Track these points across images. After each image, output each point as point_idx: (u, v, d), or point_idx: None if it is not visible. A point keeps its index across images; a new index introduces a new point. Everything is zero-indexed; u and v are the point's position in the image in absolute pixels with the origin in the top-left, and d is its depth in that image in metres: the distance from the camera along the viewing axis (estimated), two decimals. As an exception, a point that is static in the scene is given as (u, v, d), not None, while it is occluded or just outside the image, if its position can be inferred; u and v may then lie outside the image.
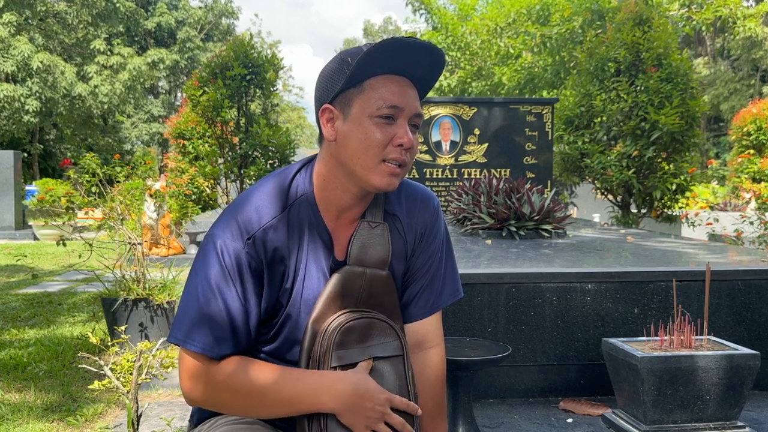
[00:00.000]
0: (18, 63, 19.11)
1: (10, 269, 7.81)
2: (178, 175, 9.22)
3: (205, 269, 1.14)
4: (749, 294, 3.15)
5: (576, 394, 3.07)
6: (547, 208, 4.35)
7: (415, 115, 1.16)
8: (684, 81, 6.79)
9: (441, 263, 1.33)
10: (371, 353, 1.18)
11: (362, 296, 1.22)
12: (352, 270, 1.21)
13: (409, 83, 1.17)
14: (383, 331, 1.20)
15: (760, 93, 24.95)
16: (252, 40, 7.12)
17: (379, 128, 1.13)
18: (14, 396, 3.21)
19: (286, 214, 1.19)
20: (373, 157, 1.14)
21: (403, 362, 1.22)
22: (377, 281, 1.23)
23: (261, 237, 1.16)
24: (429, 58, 1.15)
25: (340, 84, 1.14)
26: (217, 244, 1.15)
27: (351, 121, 1.14)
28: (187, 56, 30.36)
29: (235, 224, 1.16)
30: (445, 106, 6.38)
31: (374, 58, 1.11)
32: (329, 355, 1.15)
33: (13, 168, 12.29)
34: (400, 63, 1.14)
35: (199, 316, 1.13)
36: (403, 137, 1.13)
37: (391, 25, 47.44)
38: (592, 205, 11.62)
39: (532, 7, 12.89)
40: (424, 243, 1.31)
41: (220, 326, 1.13)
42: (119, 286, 3.84)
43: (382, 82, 1.14)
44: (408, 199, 1.30)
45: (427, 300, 1.32)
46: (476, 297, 2.98)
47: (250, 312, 1.16)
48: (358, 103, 1.14)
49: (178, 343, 1.14)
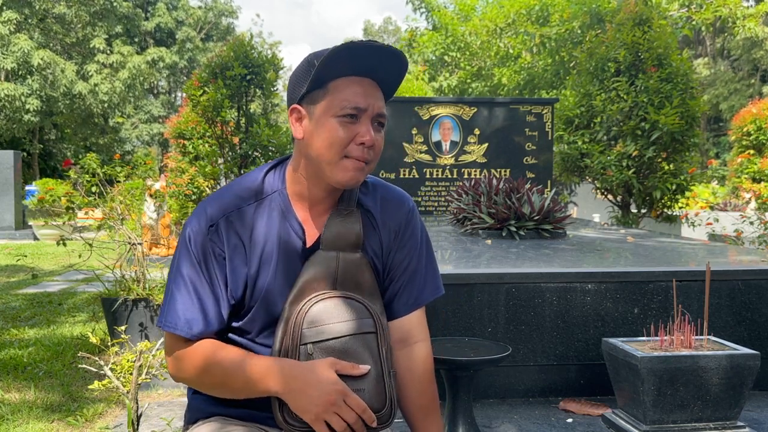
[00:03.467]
0: (18, 60, 19.09)
1: (10, 269, 7.81)
2: (178, 175, 9.22)
3: (178, 257, 1.26)
4: (749, 294, 3.15)
5: (576, 394, 3.07)
6: (547, 208, 4.35)
7: (378, 114, 1.21)
8: (684, 81, 6.78)
9: (420, 261, 1.37)
10: (342, 330, 1.20)
11: (338, 278, 1.26)
12: (325, 254, 1.26)
13: (372, 84, 1.22)
14: (356, 309, 1.23)
15: (760, 93, 24.95)
16: (252, 40, 7.12)
17: (343, 127, 1.19)
18: (14, 396, 3.21)
19: (254, 207, 1.27)
20: (336, 154, 1.20)
21: (377, 340, 1.23)
22: (351, 263, 1.27)
23: (224, 224, 1.24)
24: (390, 61, 1.20)
25: (306, 85, 1.20)
26: (186, 233, 1.25)
27: (317, 120, 1.21)
28: (186, 56, 30.36)
29: (203, 214, 1.26)
30: (445, 106, 6.37)
31: (337, 60, 1.16)
32: (299, 333, 1.19)
33: (13, 168, 12.28)
34: (363, 65, 1.19)
35: (173, 300, 1.24)
36: (365, 136, 1.19)
37: (391, 25, 47.42)
38: (592, 205, 11.61)
39: (532, 7, 12.89)
40: (400, 240, 1.35)
41: (189, 308, 1.22)
42: (119, 286, 3.84)
43: (345, 84, 1.19)
44: (383, 200, 1.36)
45: (408, 296, 1.36)
46: (476, 297, 2.98)
47: (218, 294, 1.24)
48: (323, 103, 1.20)
49: (159, 326, 1.26)
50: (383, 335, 1.24)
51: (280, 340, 1.21)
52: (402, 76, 1.24)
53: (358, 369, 1.18)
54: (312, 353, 1.19)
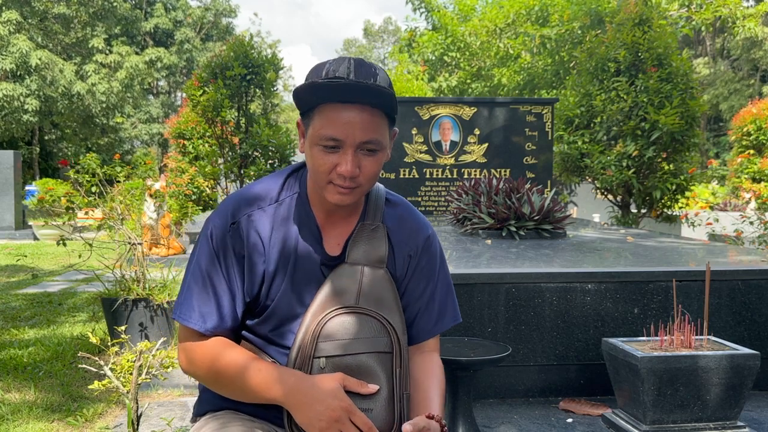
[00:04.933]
0: (16, 60, 19.09)
1: (10, 269, 7.81)
2: (178, 175, 9.22)
3: (198, 251, 1.27)
4: (749, 294, 3.15)
5: (576, 394, 3.07)
6: (547, 208, 4.35)
7: (362, 143, 1.17)
8: (684, 81, 6.79)
9: (438, 289, 1.37)
10: (356, 347, 1.20)
11: (360, 293, 1.25)
12: (350, 268, 1.26)
13: (358, 110, 1.16)
14: (374, 327, 1.22)
15: (759, 93, 24.97)
16: (252, 40, 7.12)
17: (324, 155, 1.18)
18: (14, 396, 3.21)
19: (274, 207, 1.28)
20: (321, 180, 1.20)
21: (392, 360, 1.22)
22: (375, 278, 1.27)
23: (245, 223, 1.25)
24: (372, 94, 1.15)
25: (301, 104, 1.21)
26: (209, 228, 1.27)
27: (307, 141, 1.21)
28: (185, 57, 30.36)
29: (226, 212, 1.27)
30: (445, 106, 6.37)
31: (310, 91, 1.15)
32: (314, 345, 1.19)
33: (13, 168, 12.28)
34: (343, 94, 1.15)
35: (189, 293, 1.25)
36: (343, 167, 1.17)
37: (391, 25, 47.43)
38: (592, 205, 11.62)
39: (531, 8, 12.89)
40: (415, 267, 1.34)
41: (205, 302, 1.24)
42: (119, 286, 3.84)
43: (328, 112, 1.16)
44: (401, 221, 1.35)
45: (426, 323, 1.35)
46: (476, 297, 2.98)
47: (234, 291, 1.25)
48: (311, 127, 1.20)
49: (174, 317, 1.26)
50: (400, 356, 1.23)
51: (297, 350, 1.21)
52: (391, 107, 1.19)
53: (366, 388, 1.17)
54: (324, 367, 1.18)
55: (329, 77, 1.16)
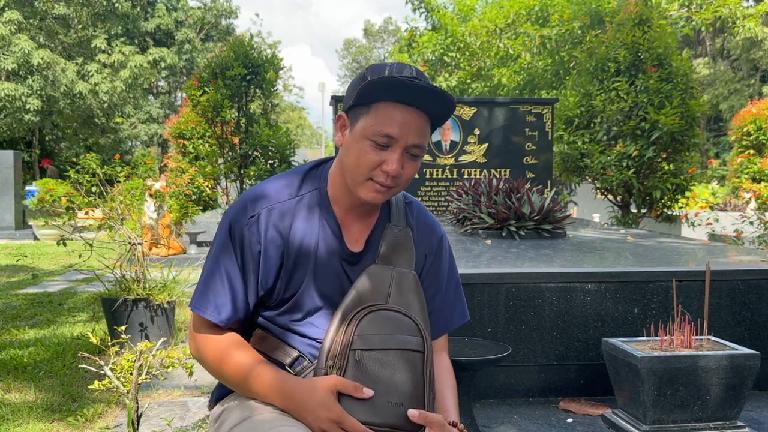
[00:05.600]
0: (18, 60, 19.11)
1: (11, 269, 7.81)
2: (178, 175, 9.22)
3: (217, 244, 1.29)
4: (749, 294, 3.15)
5: (576, 394, 3.07)
6: (547, 208, 4.35)
7: (412, 146, 1.21)
8: (684, 81, 6.78)
9: (449, 288, 1.41)
10: (388, 343, 1.21)
11: (391, 293, 1.28)
12: (381, 269, 1.29)
13: (415, 113, 1.20)
14: (407, 325, 1.24)
15: (759, 93, 24.96)
16: (252, 40, 7.12)
17: (373, 151, 1.20)
18: (14, 396, 3.21)
19: (294, 202, 1.29)
20: (361, 174, 1.22)
21: (422, 361, 1.24)
22: (405, 280, 1.30)
23: (265, 217, 1.27)
24: (436, 100, 1.19)
25: (354, 97, 1.21)
26: (227, 221, 1.29)
27: (354, 135, 1.22)
28: (185, 57, 30.36)
29: (245, 205, 1.29)
30: (445, 106, 6.37)
31: (382, 86, 1.17)
32: (351, 337, 1.21)
33: (13, 168, 12.29)
34: (407, 96, 1.18)
35: (205, 285, 1.28)
36: (390, 165, 1.20)
37: (391, 25, 47.42)
38: (592, 205, 11.62)
39: (531, 8, 12.89)
40: (430, 266, 1.38)
41: (220, 294, 1.26)
42: (119, 286, 3.84)
43: (387, 109, 1.19)
44: (419, 222, 1.39)
45: (437, 321, 1.39)
46: (476, 297, 2.98)
47: (248, 284, 1.27)
48: (363, 121, 1.20)
49: (190, 307, 1.30)
50: (430, 357, 1.25)
51: (331, 340, 1.23)
52: (448, 114, 1.24)
53: (360, 392, 1.17)
54: (359, 360, 1.20)
55: (391, 75, 1.18)
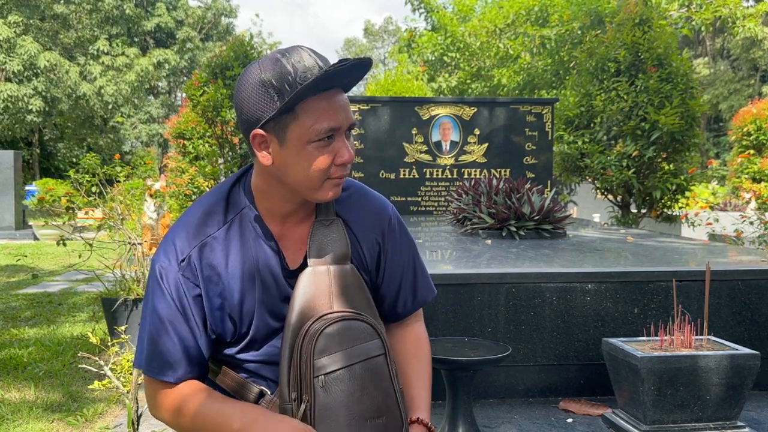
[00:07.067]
0: (24, 62, 19.15)
1: (11, 269, 7.81)
2: (178, 175, 9.21)
3: (152, 297, 1.17)
4: (749, 294, 3.15)
5: (576, 394, 3.07)
6: (547, 208, 4.35)
7: (350, 125, 1.15)
8: (684, 81, 6.79)
9: (410, 265, 1.34)
10: (354, 357, 1.16)
11: (333, 294, 1.20)
12: (315, 269, 1.20)
13: (337, 93, 1.14)
14: (363, 331, 1.19)
15: (759, 93, 24.97)
16: (252, 40, 7.13)
17: (320, 152, 1.12)
18: (14, 396, 3.21)
19: (224, 231, 1.19)
20: (319, 180, 1.14)
21: (386, 360, 1.21)
22: (343, 276, 1.22)
23: (196, 256, 1.16)
24: (358, 69, 1.13)
25: (268, 111, 1.10)
26: (156, 270, 1.17)
27: (289, 147, 1.12)
28: (186, 56, 30.37)
29: (172, 247, 1.18)
30: (445, 106, 6.37)
31: (309, 87, 1.08)
32: (311, 364, 1.13)
33: (13, 168, 12.29)
34: (327, 82, 1.11)
35: (152, 344, 1.17)
36: (344, 155, 1.13)
37: (392, 25, 47.42)
38: (592, 205, 11.62)
39: (531, 8, 12.90)
40: (387, 252, 1.30)
41: (171, 351, 1.16)
42: (119, 286, 3.84)
43: (314, 106, 1.11)
44: (361, 211, 1.29)
45: (405, 299, 1.33)
46: (476, 297, 2.98)
47: (197, 333, 1.17)
48: (294, 129, 1.11)
49: (145, 372, 1.18)
50: (390, 355, 1.21)
51: (287, 368, 1.15)
52: (364, 75, 1.17)
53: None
54: (324, 386, 1.13)
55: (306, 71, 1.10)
